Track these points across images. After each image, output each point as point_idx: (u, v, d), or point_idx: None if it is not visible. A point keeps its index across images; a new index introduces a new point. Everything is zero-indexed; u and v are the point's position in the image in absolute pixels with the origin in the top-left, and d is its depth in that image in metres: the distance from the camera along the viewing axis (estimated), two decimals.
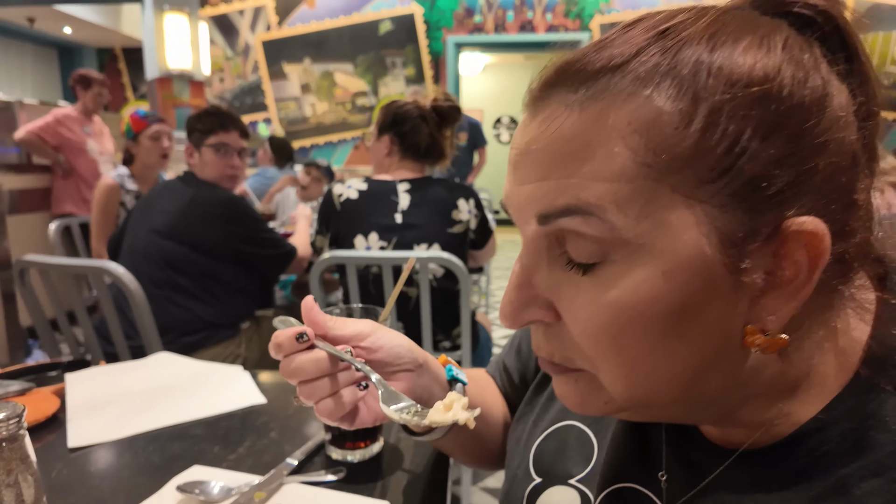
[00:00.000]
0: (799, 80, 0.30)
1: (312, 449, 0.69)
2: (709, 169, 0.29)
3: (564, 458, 0.49)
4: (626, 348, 0.32)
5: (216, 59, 6.10)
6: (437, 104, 1.62)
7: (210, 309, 1.60)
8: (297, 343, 0.48)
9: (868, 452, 0.31)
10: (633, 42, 0.32)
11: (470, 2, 6.16)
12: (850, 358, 0.34)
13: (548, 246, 0.34)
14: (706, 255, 0.30)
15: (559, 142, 0.31)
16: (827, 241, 0.30)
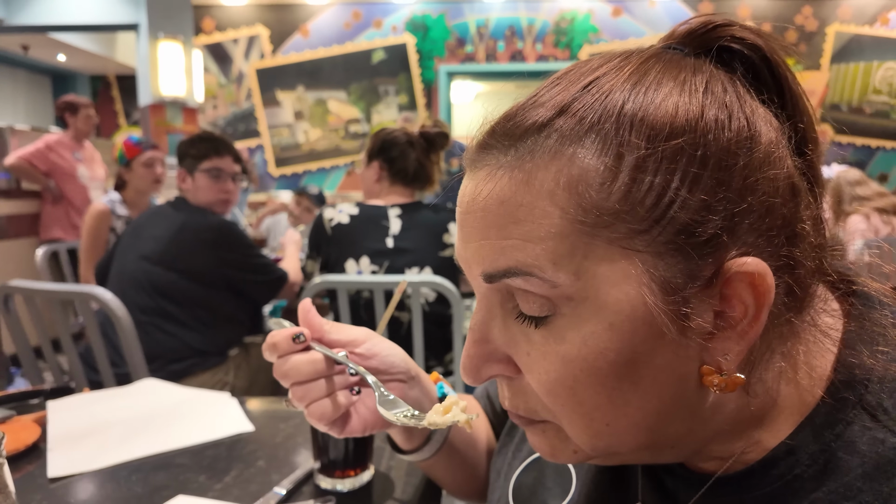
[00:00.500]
0: (722, 122, 0.30)
1: (301, 478, 0.67)
2: (640, 220, 0.29)
3: (543, 490, 0.48)
4: (582, 401, 0.32)
5: (210, 87, 6.15)
6: (425, 130, 1.64)
7: (198, 336, 1.58)
8: (293, 344, 0.48)
9: (838, 475, 0.31)
10: (558, 100, 0.32)
11: (461, 32, 6.28)
12: (816, 383, 0.33)
13: (500, 301, 0.34)
14: (648, 304, 0.30)
15: (494, 204, 0.32)
16: (769, 279, 0.30)
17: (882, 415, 0.31)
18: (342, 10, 6.23)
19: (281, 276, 1.73)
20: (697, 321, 0.30)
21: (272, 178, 6.41)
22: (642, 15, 6.18)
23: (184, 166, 1.71)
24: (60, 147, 3.36)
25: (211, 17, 6.15)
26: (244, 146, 6.34)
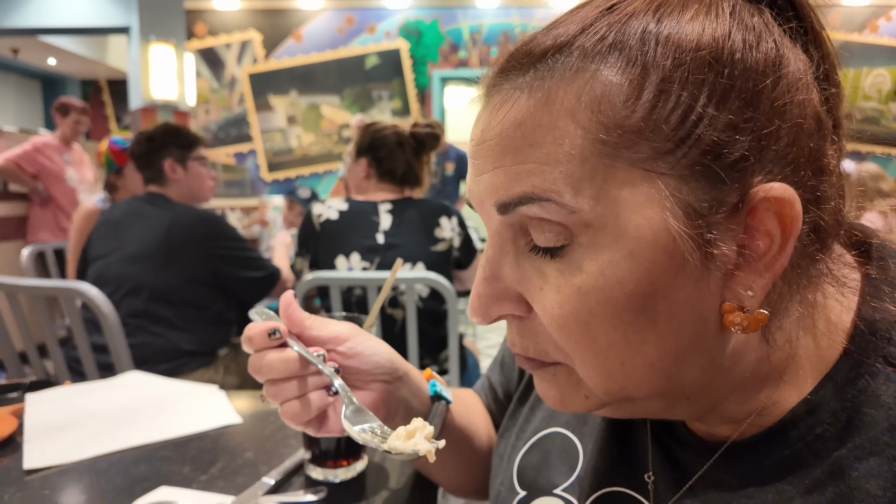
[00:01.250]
0: (750, 43, 0.29)
1: (291, 468, 0.64)
2: (665, 140, 0.28)
3: (548, 469, 0.46)
4: (596, 337, 0.30)
5: (202, 91, 6.12)
6: (416, 130, 1.61)
7: (187, 336, 1.54)
8: (268, 339, 0.45)
9: (863, 430, 0.29)
10: (580, 19, 0.31)
11: (455, 38, 6.30)
12: (836, 336, 0.32)
13: (512, 237, 0.33)
14: (671, 230, 0.28)
15: (510, 127, 0.30)
16: (798, 206, 0.28)
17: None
18: (335, 16, 6.23)
19: (273, 273, 1.69)
20: (722, 250, 0.28)
21: (265, 183, 6.38)
22: None
23: (170, 157, 1.65)
24: (48, 149, 3.32)
25: (203, 22, 6.13)
26: (237, 151, 6.31)
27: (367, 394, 0.50)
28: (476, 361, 1.78)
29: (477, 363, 1.79)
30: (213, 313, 1.61)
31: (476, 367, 1.76)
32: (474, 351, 1.86)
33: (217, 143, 6.27)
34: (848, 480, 0.29)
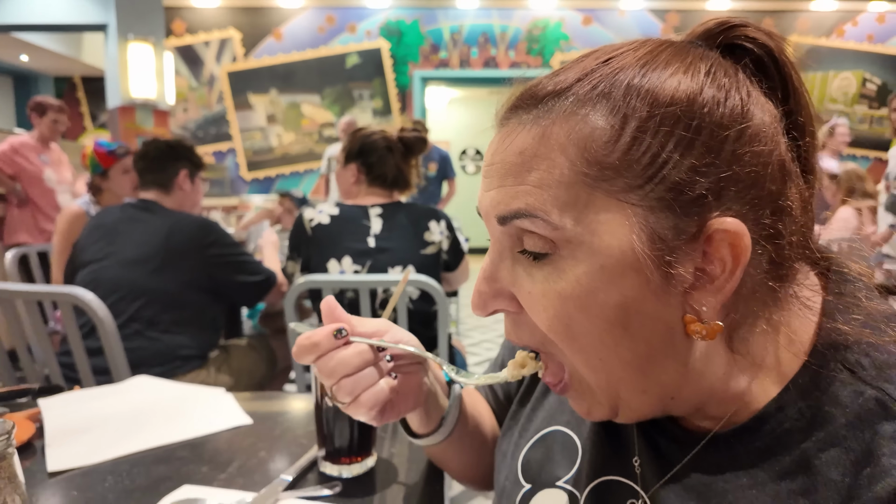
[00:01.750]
0: (717, 99, 0.34)
1: (305, 466, 0.68)
2: (636, 177, 0.33)
3: (551, 463, 0.51)
4: (577, 336, 0.36)
5: (180, 90, 6.05)
6: (404, 135, 1.65)
7: (181, 339, 1.56)
8: (335, 340, 0.48)
9: (824, 426, 0.34)
10: (581, 68, 0.37)
11: (436, 38, 6.33)
12: (800, 348, 0.37)
13: (510, 244, 0.39)
14: (637, 251, 0.34)
15: (513, 155, 0.36)
16: (746, 240, 0.33)
17: (861, 371, 0.35)
18: (316, 14, 6.22)
19: (270, 277, 1.72)
20: (680, 271, 0.34)
21: (244, 182, 6.34)
22: (612, 24, 6.33)
23: (185, 169, 1.73)
24: (26, 149, 3.27)
25: (182, 20, 6.06)
26: (215, 150, 6.25)
27: (411, 377, 0.54)
28: (463, 360, 1.83)
29: (464, 361, 1.84)
30: (207, 317, 1.63)
31: (464, 366, 1.81)
32: (461, 349, 1.91)
33: (196, 141, 6.21)
34: (812, 468, 0.34)
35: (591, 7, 6.30)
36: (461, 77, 6.49)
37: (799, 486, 0.34)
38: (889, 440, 0.32)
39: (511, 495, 0.53)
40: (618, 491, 0.45)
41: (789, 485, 0.35)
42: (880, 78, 6.47)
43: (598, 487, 0.46)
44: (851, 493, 0.32)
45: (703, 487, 0.39)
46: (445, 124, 8.93)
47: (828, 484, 0.33)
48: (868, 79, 6.46)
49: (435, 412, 0.58)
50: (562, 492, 0.49)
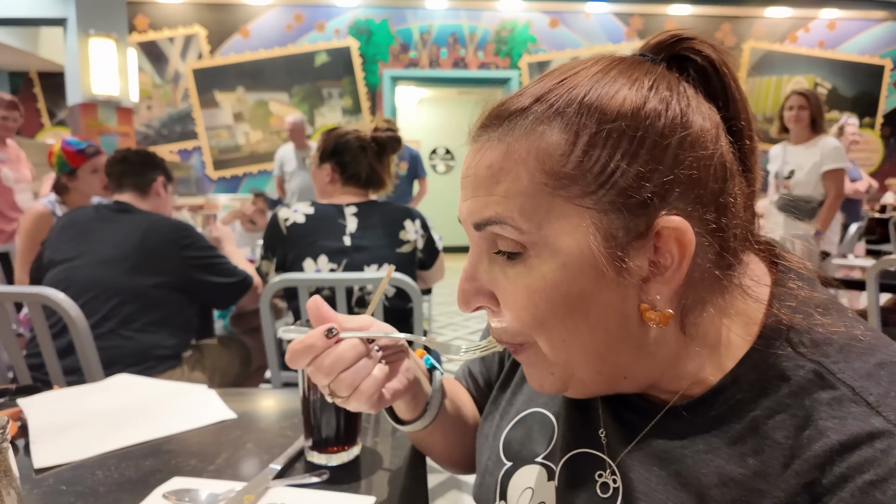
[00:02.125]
0: (659, 111, 0.38)
1: (293, 455, 0.70)
2: (589, 184, 0.38)
3: (530, 442, 0.55)
4: (543, 322, 0.41)
5: (144, 87, 5.92)
6: (377, 134, 1.67)
7: (156, 339, 1.56)
8: (327, 339, 0.51)
9: (771, 395, 0.39)
10: (537, 89, 0.41)
11: (405, 38, 6.35)
12: (750, 330, 0.42)
13: (486, 247, 0.43)
14: (593, 250, 0.38)
15: (483, 169, 0.41)
16: (690, 235, 0.38)
17: (801, 348, 0.40)
18: (283, 12, 6.16)
19: (245, 279, 1.72)
20: (632, 266, 0.39)
21: (210, 181, 6.24)
22: (578, 27, 6.46)
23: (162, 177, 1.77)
24: None
25: (144, 15, 5.92)
26: (181, 148, 6.13)
27: (397, 363, 0.58)
28: (438, 355, 1.87)
29: (439, 357, 1.88)
30: (181, 317, 1.63)
31: (438, 362, 1.85)
32: None
33: (160, 139, 6.08)
34: (760, 432, 0.38)
35: (558, 10, 6.42)
36: (431, 77, 6.53)
37: (749, 448, 0.39)
38: (825, 405, 0.37)
39: (494, 473, 0.57)
40: (589, 461, 0.49)
41: (741, 448, 0.39)
42: (830, 82, 6.78)
43: (571, 459, 0.50)
44: (794, 453, 0.37)
45: (663, 454, 0.43)
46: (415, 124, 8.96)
47: (774, 445, 0.38)
48: (819, 83, 6.77)
49: (420, 398, 0.62)
50: (540, 467, 0.53)
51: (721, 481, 0.39)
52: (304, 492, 0.63)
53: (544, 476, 0.52)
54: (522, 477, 0.54)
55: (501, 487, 0.56)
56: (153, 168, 1.75)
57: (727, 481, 0.39)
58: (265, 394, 0.99)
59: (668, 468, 0.43)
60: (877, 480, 0.33)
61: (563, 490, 0.49)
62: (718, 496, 0.39)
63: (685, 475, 0.41)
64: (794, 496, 0.36)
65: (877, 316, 1.79)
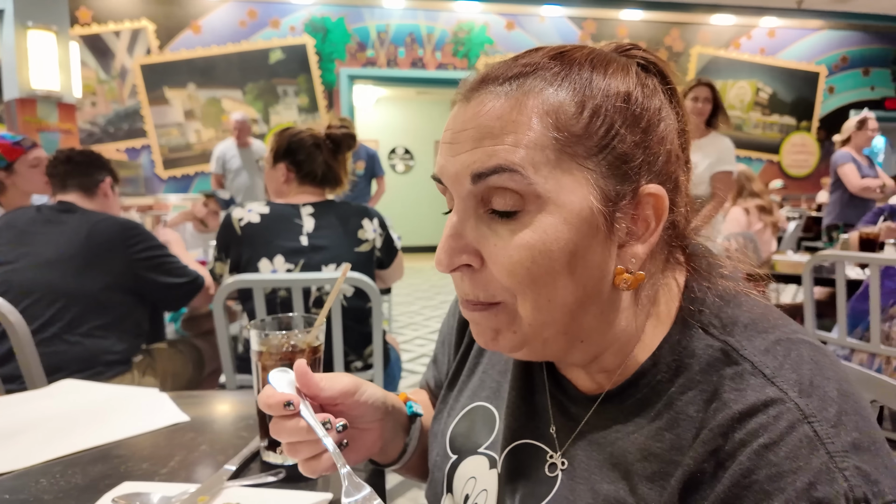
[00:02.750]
0: (647, 94, 0.43)
1: (248, 455, 0.70)
2: (594, 146, 0.41)
3: (474, 434, 0.57)
4: (535, 278, 0.41)
5: (88, 82, 5.67)
6: (331, 132, 1.66)
7: (104, 344, 1.50)
8: (284, 409, 0.51)
9: (684, 373, 0.43)
10: (540, 56, 0.44)
11: (362, 36, 6.30)
12: (669, 313, 0.46)
13: (475, 205, 0.44)
14: (592, 207, 0.41)
15: (490, 119, 0.41)
16: (666, 202, 0.42)
17: (711, 328, 0.43)
18: (237, 8, 6.01)
19: (196, 279, 1.68)
20: (620, 228, 0.42)
21: (160, 181, 6.03)
22: (533, 29, 6.57)
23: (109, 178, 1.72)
24: None
25: (88, 7, 5.67)
26: (128, 146, 5.91)
27: (369, 433, 0.59)
28: (398, 355, 1.88)
29: (398, 356, 1.88)
30: (131, 320, 1.58)
31: (398, 361, 1.86)
32: (395, 346, 1.95)
33: (106, 137, 5.84)
34: (675, 408, 0.42)
35: (514, 13, 6.51)
36: (389, 76, 6.50)
37: (665, 423, 0.43)
38: (729, 380, 0.40)
39: (441, 467, 0.59)
40: (533, 452, 0.51)
41: (658, 423, 0.43)
42: (771, 87, 7.12)
43: (515, 449, 0.53)
44: (703, 424, 0.40)
45: (601, 439, 0.46)
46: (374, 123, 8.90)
47: (686, 419, 0.41)
48: (761, 88, 7.10)
49: (393, 450, 0.63)
50: (483, 457, 0.55)
51: (643, 456, 0.43)
52: (259, 491, 0.63)
53: (486, 465, 0.55)
54: (467, 467, 0.56)
55: (448, 480, 0.58)
56: (100, 168, 1.69)
57: (648, 455, 0.42)
58: (220, 396, 0.97)
59: (603, 452, 0.46)
60: (770, 443, 0.36)
61: (506, 477, 0.52)
62: (641, 470, 0.42)
63: (616, 456, 0.45)
64: (701, 463, 0.39)
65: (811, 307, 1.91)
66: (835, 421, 0.36)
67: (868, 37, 7.26)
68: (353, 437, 0.57)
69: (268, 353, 0.65)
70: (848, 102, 7.32)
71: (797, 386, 0.38)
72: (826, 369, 0.40)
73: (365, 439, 0.59)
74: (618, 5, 6.56)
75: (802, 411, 0.37)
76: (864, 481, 0.34)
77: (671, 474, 0.41)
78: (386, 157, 9.02)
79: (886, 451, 0.37)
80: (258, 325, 0.68)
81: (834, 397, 0.38)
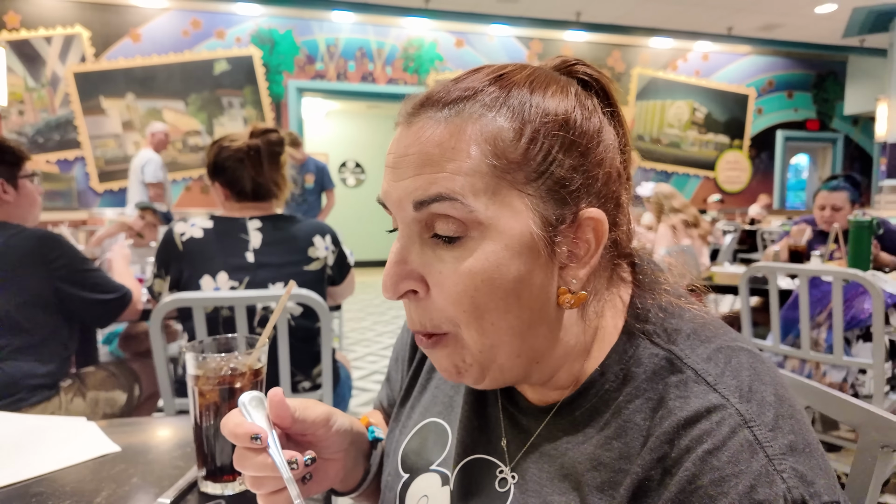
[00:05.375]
0: (585, 116, 0.43)
1: (185, 487, 0.66)
2: (532, 171, 0.41)
3: (426, 451, 0.56)
4: (479, 305, 0.42)
5: (14, 90, 5.35)
6: (253, 142, 1.54)
7: (25, 367, 1.39)
8: (251, 442, 0.47)
9: (631, 382, 0.44)
10: (480, 80, 0.43)
11: (311, 49, 6.24)
12: (619, 321, 0.47)
13: (419, 230, 0.43)
14: (533, 233, 0.41)
15: (430, 146, 0.41)
16: (606, 225, 0.43)
17: (656, 338, 0.45)
18: (179, 17, 5.84)
19: (124, 295, 1.58)
20: (561, 251, 0.42)
21: (95, 194, 5.74)
22: (482, 47, 6.70)
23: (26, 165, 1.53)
24: None
25: (16, 11, 5.37)
26: (60, 157, 5.60)
27: (333, 463, 0.56)
28: (348, 373, 1.83)
29: (349, 374, 1.84)
30: (56, 342, 1.47)
31: (348, 379, 1.81)
32: (345, 363, 1.91)
33: (35, 148, 5.52)
34: (623, 417, 0.42)
35: (463, 31, 6.61)
36: (338, 90, 6.45)
37: (613, 432, 0.43)
38: (674, 387, 0.41)
39: (393, 487, 0.57)
40: (485, 466, 0.51)
41: (607, 432, 0.43)
42: (706, 107, 7.52)
43: (467, 465, 0.52)
44: (650, 432, 0.41)
45: (553, 451, 0.46)
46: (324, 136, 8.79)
47: (634, 427, 0.42)
48: (696, 108, 7.49)
49: (354, 478, 0.61)
50: (435, 474, 0.54)
51: (593, 466, 0.43)
52: None
53: (438, 482, 0.53)
54: (419, 486, 0.55)
55: (400, 500, 0.56)
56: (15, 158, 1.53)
57: (597, 465, 0.43)
58: (156, 423, 0.92)
59: (554, 464, 0.46)
60: (713, 449, 0.37)
61: (458, 493, 0.51)
62: (591, 480, 0.43)
63: (567, 467, 0.45)
64: (649, 470, 0.40)
65: (748, 316, 2.00)
66: (772, 424, 0.38)
67: (792, 62, 7.79)
68: (318, 468, 0.54)
69: (205, 377, 0.62)
70: (775, 123, 7.82)
71: (738, 392, 0.39)
72: (763, 375, 0.41)
73: (328, 470, 0.56)
74: (563, 27, 6.79)
75: (743, 416, 0.38)
76: (801, 482, 0.35)
77: (620, 483, 0.41)
78: (336, 170, 8.92)
79: (821, 453, 0.38)
80: (195, 346, 0.64)
81: (771, 402, 0.39)
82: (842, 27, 6.83)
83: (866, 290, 1.69)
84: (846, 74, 7.99)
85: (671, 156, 7.44)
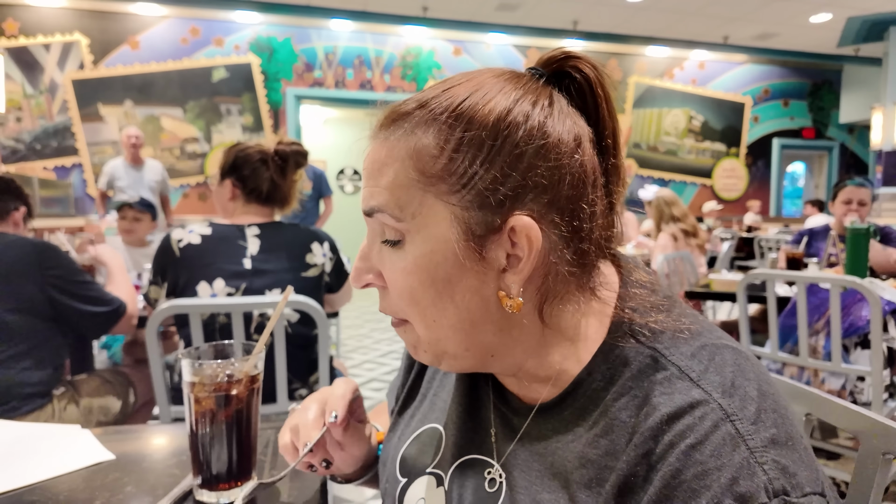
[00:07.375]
0: (518, 123, 0.43)
1: (180, 495, 0.65)
2: (454, 184, 0.43)
3: (422, 456, 0.57)
4: (418, 301, 0.46)
5: (13, 96, 5.35)
6: (280, 148, 1.61)
7: (15, 374, 1.38)
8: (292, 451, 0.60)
9: (617, 381, 0.44)
10: (421, 97, 0.46)
11: (309, 57, 6.27)
12: (603, 326, 0.47)
13: (376, 231, 0.48)
14: (454, 241, 0.43)
15: (373, 163, 0.46)
16: (536, 232, 0.42)
17: (641, 337, 0.45)
18: (178, 25, 5.86)
19: (119, 307, 1.58)
20: (490, 257, 0.43)
21: (92, 200, 5.72)
22: (479, 56, 6.73)
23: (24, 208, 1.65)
24: None
25: (14, 18, 5.39)
26: (58, 164, 5.59)
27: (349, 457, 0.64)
28: None
29: None
30: (49, 349, 1.46)
31: None
32: (343, 370, 1.90)
33: (32, 155, 5.52)
34: (609, 414, 0.43)
35: (461, 39, 6.65)
36: (337, 97, 6.47)
37: (601, 430, 0.43)
38: (658, 384, 0.42)
39: (391, 493, 0.58)
40: (478, 465, 0.52)
41: (595, 430, 0.44)
42: (702, 116, 7.56)
43: (461, 465, 0.53)
44: (635, 429, 0.41)
45: (542, 448, 0.47)
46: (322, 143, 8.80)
47: (620, 425, 0.42)
48: (693, 116, 7.52)
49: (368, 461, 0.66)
50: (431, 477, 0.55)
51: (580, 464, 0.44)
52: None
53: (434, 484, 0.54)
54: (416, 489, 0.56)
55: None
56: (16, 197, 1.61)
57: (585, 463, 0.43)
58: (151, 431, 0.91)
59: (544, 462, 0.46)
60: (696, 443, 0.38)
61: (453, 493, 0.52)
62: (579, 478, 0.43)
63: (556, 465, 0.45)
64: (634, 467, 0.40)
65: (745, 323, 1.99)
66: (754, 418, 0.38)
67: (787, 71, 7.85)
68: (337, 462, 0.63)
69: (201, 384, 0.61)
70: (771, 131, 7.86)
71: (720, 387, 0.40)
72: (747, 371, 0.42)
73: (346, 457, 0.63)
74: (560, 35, 6.82)
75: (725, 411, 0.38)
76: (783, 474, 0.36)
77: (606, 479, 0.42)
78: (334, 177, 8.93)
79: (804, 446, 0.39)
80: (191, 353, 0.64)
81: (754, 396, 0.40)
82: (837, 36, 6.89)
83: (864, 297, 1.69)
84: (841, 83, 8.04)
85: (668, 163, 7.47)
